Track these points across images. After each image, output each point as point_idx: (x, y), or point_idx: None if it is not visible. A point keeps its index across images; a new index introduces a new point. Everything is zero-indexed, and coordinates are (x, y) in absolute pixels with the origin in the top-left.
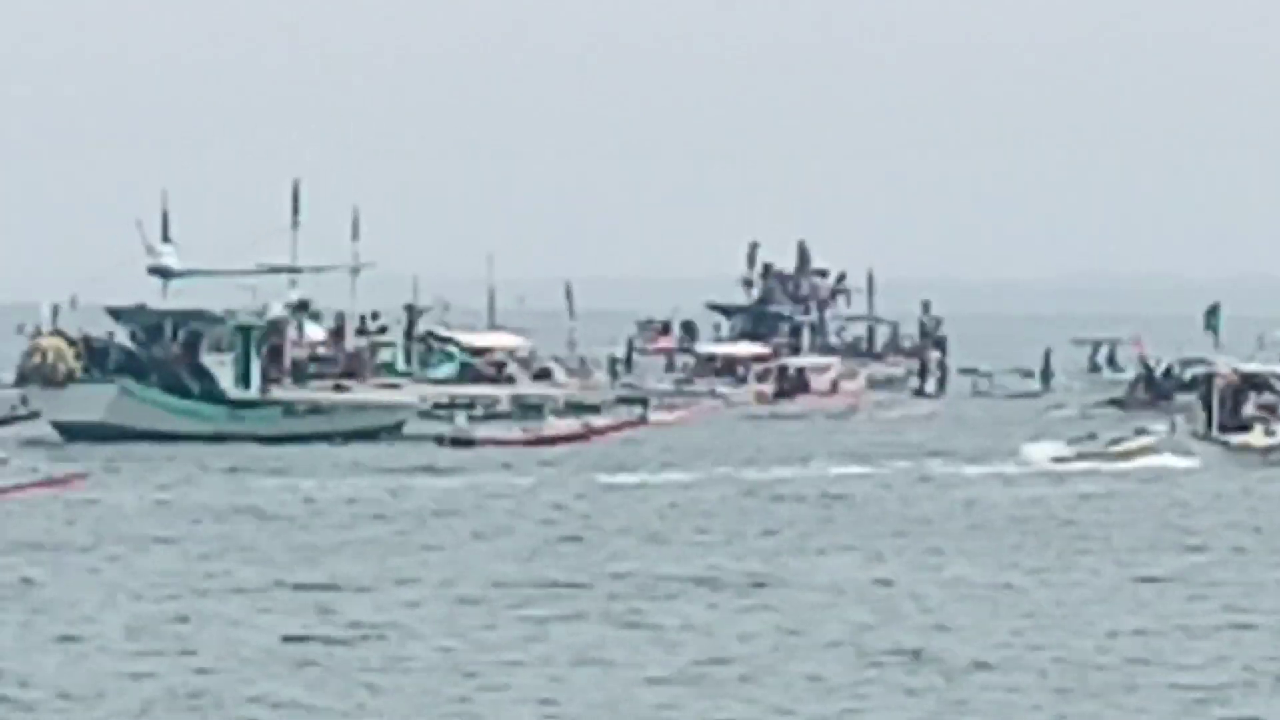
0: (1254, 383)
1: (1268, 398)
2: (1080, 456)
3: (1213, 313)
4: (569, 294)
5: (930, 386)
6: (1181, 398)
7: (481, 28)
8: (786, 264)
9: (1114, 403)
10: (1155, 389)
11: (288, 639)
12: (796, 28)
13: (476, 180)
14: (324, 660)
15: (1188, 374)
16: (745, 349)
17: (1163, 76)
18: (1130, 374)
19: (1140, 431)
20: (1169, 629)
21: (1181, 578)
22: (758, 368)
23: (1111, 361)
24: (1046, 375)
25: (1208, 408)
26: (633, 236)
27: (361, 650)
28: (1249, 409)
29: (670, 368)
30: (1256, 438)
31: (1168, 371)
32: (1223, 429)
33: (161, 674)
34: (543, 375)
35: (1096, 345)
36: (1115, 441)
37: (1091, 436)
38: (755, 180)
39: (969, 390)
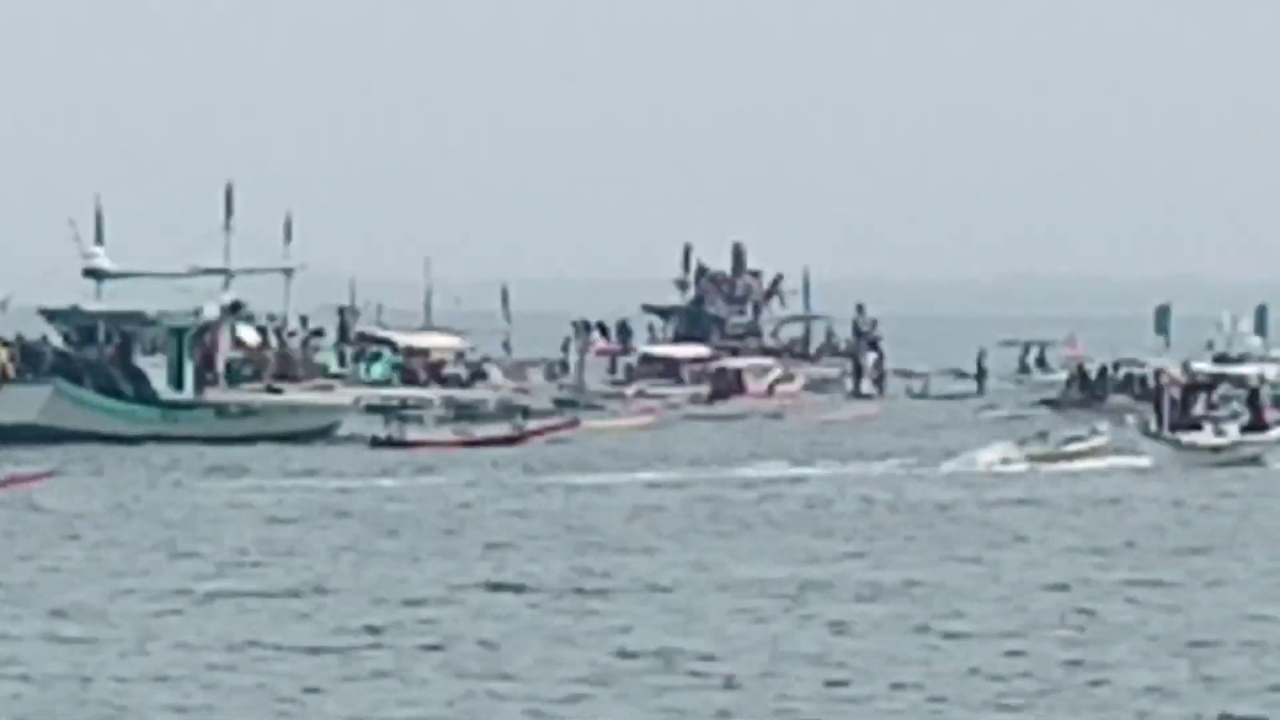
0: (1203, 382)
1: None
2: (1030, 457)
3: (1163, 314)
4: (505, 296)
5: (865, 388)
6: (1116, 398)
7: (414, 30)
8: (722, 265)
9: (1048, 403)
10: (1089, 390)
11: (199, 645)
12: (726, 29)
13: (413, 182)
14: (235, 665)
15: (1122, 374)
16: (688, 350)
17: (1090, 79)
18: (1060, 375)
19: (1092, 432)
20: (1081, 634)
21: (1102, 580)
22: (694, 369)
23: (1041, 363)
24: (981, 377)
25: (1158, 407)
26: (568, 239)
27: (267, 654)
28: (1199, 408)
29: (613, 369)
30: (1206, 437)
31: (1102, 372)
32: (1173, 428)
33: (66, 676)
34: (478, 377)
35: (1026, 347)
36: (1067, 441)
37: (1042, 436)
38: (691, 182)
39: (904, 392)
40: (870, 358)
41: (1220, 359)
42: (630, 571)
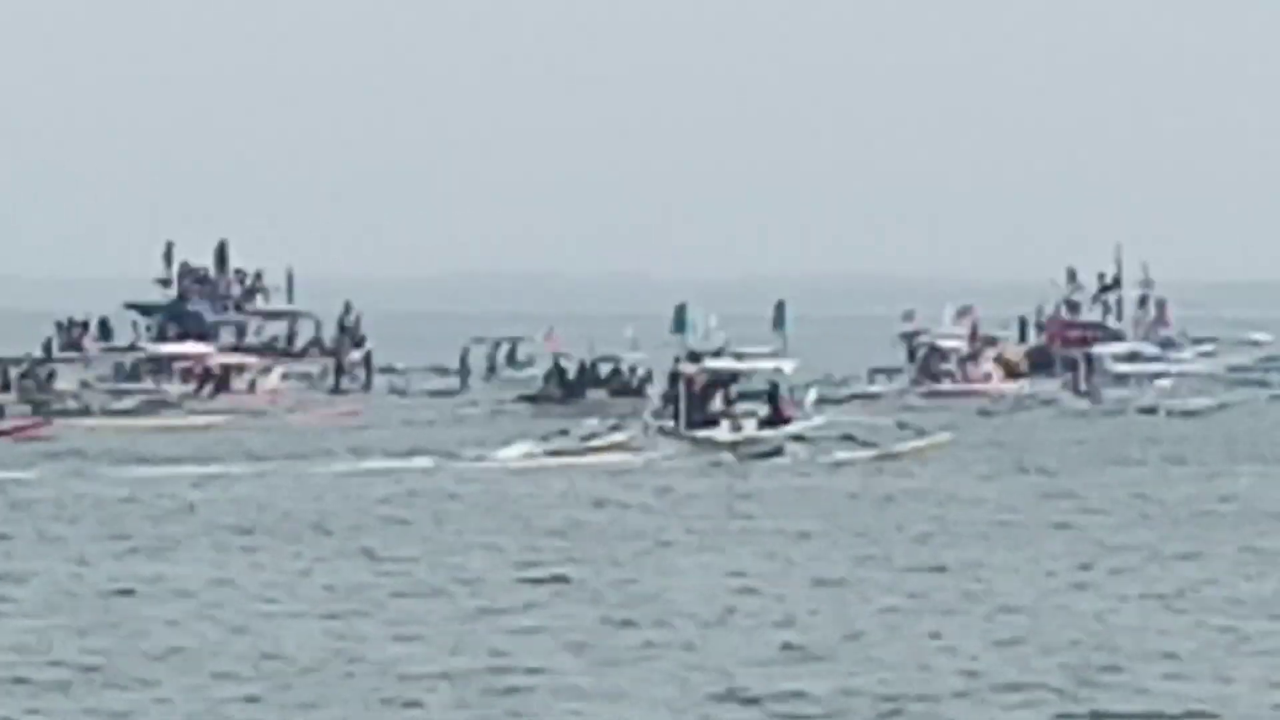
0: (720, 379)
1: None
2: (552, 453)
3: (681, 311)
4: None
5: (347, 384)
6: (594, 394)
7: None
8: (206, 263)
9: (526, 399)
10: (567, 385)
11: None
12: (208, 23)
13: None
14: None
15: (604, 370)
16: (189, 348)
17: (531, 83)
18: (534, 371)
19: (614, 428)
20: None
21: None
22: (179, 366)
23: (513, 359)
24: (464, 373)
25: (675, 403)
26: (50, 236)
27: None
28: (716, 404)
29: (117, 367)
30: (724, 433)
31: (581, 368)
32: (690, 425)
33: None
34: None
35: (497, 344)
36: (588, 438)
37: (564, 433)
38: (174, 180)
39: (387, 389)
40: (356, 355)
41: (694, 356)
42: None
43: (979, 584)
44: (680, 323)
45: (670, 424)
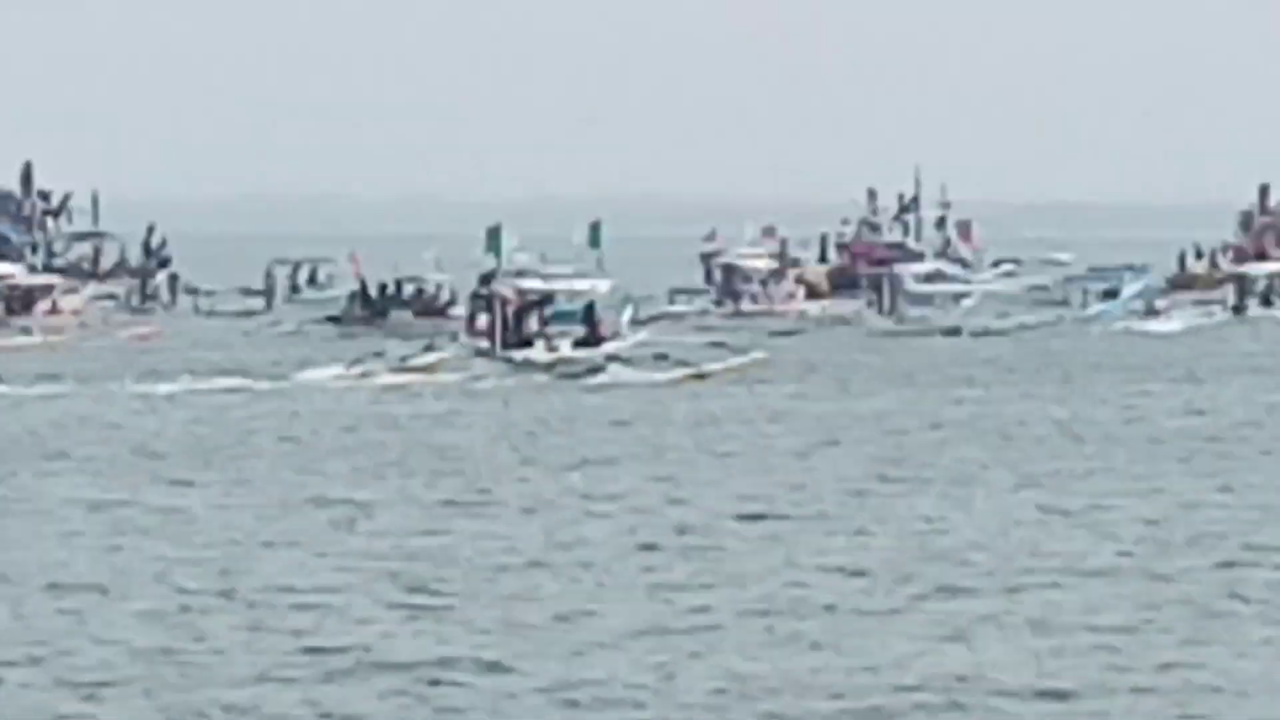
0: (535, 300)
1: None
2: (365, 375)
3: (494, 234)
4: None
5: (153, 305)
6: (398, 315)
7: None
8: (11, 185)
9: (331, 320)
10: (371, 306)
11: None
12: None
13: None
14: None
15: (407, 291)
16: None
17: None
18: (335, 292)
19: (428, 348)
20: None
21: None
22: None
23: (313, 280)
24: (270, 294)
25: (492, 324)
26: None
27: None
28: (532, 325)
29: None
30: (539, 353)
31: (383, 289)
32: (506, 346)
33: None
34: None
35: (297, 265)
36: (403, 359)
37: (379, 354)
38: None
39: (193, 309)
40: (161, 276)
41: (486, 278)
42: None
43: (762, 504)
44: (494, 244)
45: (485, 345)
